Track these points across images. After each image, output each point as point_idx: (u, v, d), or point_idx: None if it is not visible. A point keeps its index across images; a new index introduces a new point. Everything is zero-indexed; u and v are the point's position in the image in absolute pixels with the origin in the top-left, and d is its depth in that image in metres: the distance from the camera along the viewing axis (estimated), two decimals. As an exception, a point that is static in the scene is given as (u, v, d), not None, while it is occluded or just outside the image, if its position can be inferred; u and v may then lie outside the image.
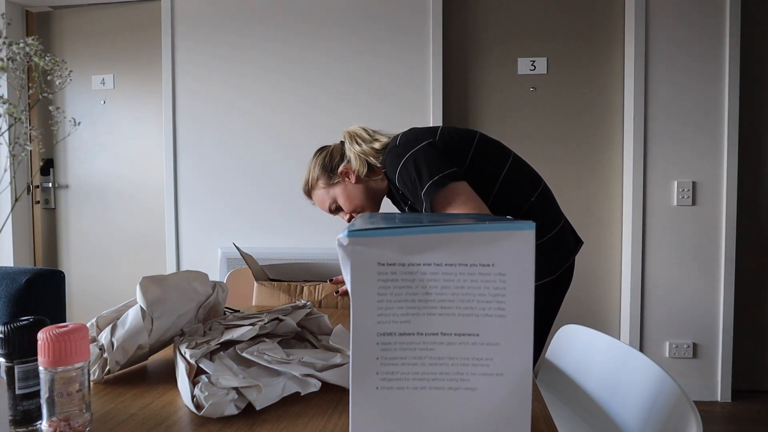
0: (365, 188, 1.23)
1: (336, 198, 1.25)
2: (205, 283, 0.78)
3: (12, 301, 1.20)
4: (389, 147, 1.15)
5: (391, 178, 1.14)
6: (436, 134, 1.14)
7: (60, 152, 2.79)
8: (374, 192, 1.25)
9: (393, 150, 1.12)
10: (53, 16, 2.78)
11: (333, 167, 1.25)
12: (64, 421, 0.48)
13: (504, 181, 1.14)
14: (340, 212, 1.28)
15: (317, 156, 1.30)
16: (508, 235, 0.40)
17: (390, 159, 1.12)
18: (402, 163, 1.08)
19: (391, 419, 0.42)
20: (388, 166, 1.12)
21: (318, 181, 1.27)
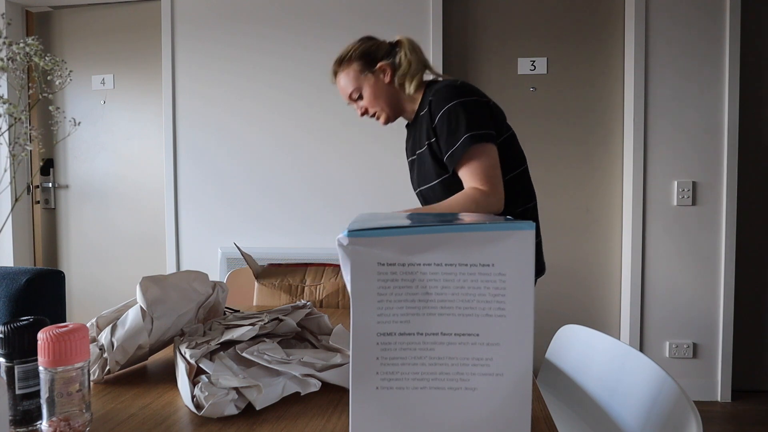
0: (393, 94, 1.23)
1: (362, 88, 1.22)
2: (205, 283, 0.78)
3: (12, 301, 1.20)
4: (447, 82, 1.15)
5: (433, 109, 1.13)
6: (490, 101, 1.19)
7: (60, 152, 2.79)
8: (398, 105, 1.24)
9: (452, 86, 1.13)
10: (53, 16, 2.78)
11: (375, 58, 1.22)
12: (64, 421, 0.48)
13: (510, 180, 1.19)
14: (359, 102, 1.25)
15: (363, 41, 1.25)
16: (508, 235, 0.40)
17: (446, 92, 1.12)
18: (456, 102, 1.10)
19: (391, 419, 0.42)
20: (439, 97, 1.13)
21: (353, 63, 1.23)
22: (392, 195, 2.45)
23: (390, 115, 1.24)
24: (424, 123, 1.18)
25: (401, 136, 2.43)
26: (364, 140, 2.46)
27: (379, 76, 1.22)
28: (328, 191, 2.50)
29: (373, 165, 2.46)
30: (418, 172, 1.25)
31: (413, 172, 1.30)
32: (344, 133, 2.47)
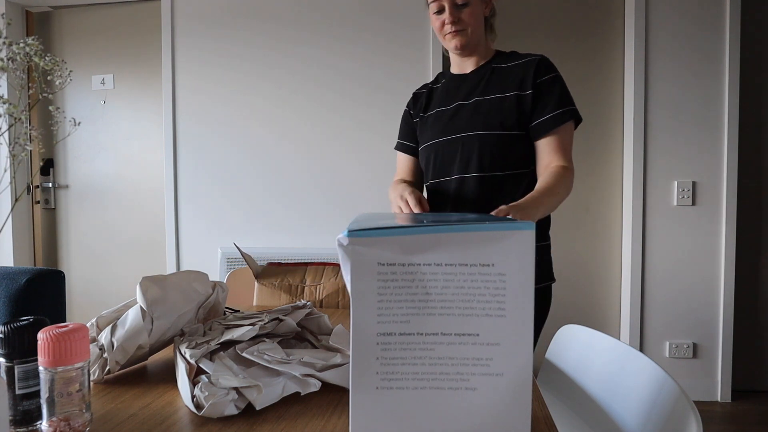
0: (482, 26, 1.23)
1: (473, 2, 1.19)
2: (205, 283, 0.79)
3: (12, 301, 1.20)
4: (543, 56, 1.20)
5: (542, 68, 1.16)
6: None
7: (60, 152, 2.79)
8: (480, 38, 1.24)
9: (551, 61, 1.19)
10: (53, 16, 2.78)
11: None
12: (64, 421, 0.48)
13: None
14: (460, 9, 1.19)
15: None
16: (508, 236, 0.40)
17: (549, 61, 1.18)
18: (559, 74, 1.16)
19: (391, 419, 0.42)
20: (548, 62, 1.17)
21: None
22: (392, 195, 2.44)
23: (473, 39, 1.21)
24: (510, 75, 1.18)
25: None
26: (366, 138, 2.46)
27: (485, 3, 1.23)
28: (328, 191, 2.50)
29: (374, 164, 2.46)
30: (473, 117, 1.18)
31: (454, 117, 1.21)
32: (345, 132, 2.47)
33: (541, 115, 1.13)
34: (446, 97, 1.26)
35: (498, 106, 1.16)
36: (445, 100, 1.26)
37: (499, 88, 1.18)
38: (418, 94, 1.35)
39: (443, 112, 1.24)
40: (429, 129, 1.26)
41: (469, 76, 1.25)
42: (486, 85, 1.20)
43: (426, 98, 1.31)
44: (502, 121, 1.14)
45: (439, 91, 1.29)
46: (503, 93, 1.17)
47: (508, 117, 1.14)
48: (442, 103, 1.26)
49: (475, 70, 1.24)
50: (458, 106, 1.22)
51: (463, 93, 1.23)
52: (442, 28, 1.21)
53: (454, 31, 1.19)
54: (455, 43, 1.20)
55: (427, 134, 1.26)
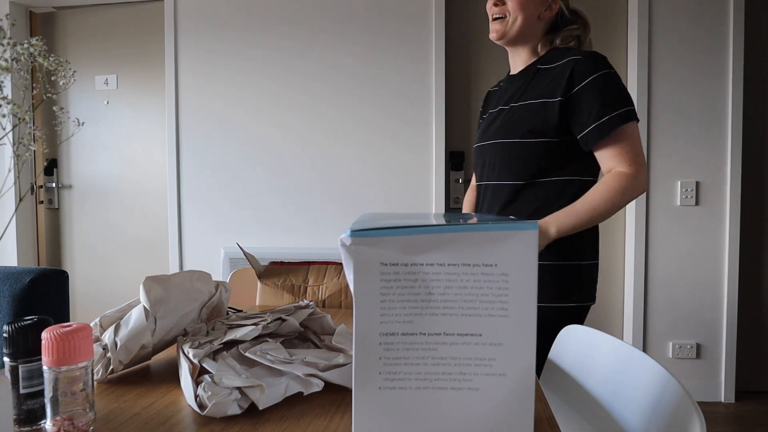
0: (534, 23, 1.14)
1: None
2: (208, 283, 0.79)
3: (16, 301, 1.21)
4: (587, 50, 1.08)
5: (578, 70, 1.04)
6: None
7: (64, 152, 2.80)
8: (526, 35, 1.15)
9: (597, 54, 1.06)
10: (56, 16, 2.79)
11: None
12: (67, 421, 0.48)
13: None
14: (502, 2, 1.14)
15: None
16: (511, 236, 0.40)
17: (595, 57, 1.05)
18: (608, 71, 1.04)
19: (393, 419, 0.42)
20: (588, 61, 1.05)
21: None
22: (395, 193, 2.45)
23: (514, 31, 1.13)
24: (547, 79, 1.09)
25: (405, 133, 2.43)
26: (369, 138, 2.46)
27: (545, 3, 1.13)
28: (331, 191, 2.50)
29: (377, 163, 2.46)
30: (504, 124, 1.13)
31: (493, 123, 1.18)
32: (348, 132, 2.47)
33: (585, 127, 1.04)
34: (497, 100, 1.23)
35: (522, 112, 1.11)
36: (495, 102, 1.23)
37: (534, 93, 1.11)
38: (488, 93, 1.33)
39: (492, 115, 1.21)
40: (479, 132, 1.25)
41: (516, 78, 1.19)
42: (525, 90, 1.13)
43: (491, 99, 1.29)
44: (524, 129, 1.09)
45: (498, 92, 1.27)
46: (533, 99, 1.10)
47: (530, 124, 1.08)
48: (491, 106, 1.24)
49: (522, 71, 1.18)
50: (499, 110, 1.18)
51: (506, 96, 1.18)
52: (489, 11, 1.16)
53: (494, 18, 1.14)
54: (493, 32, 1.15)
55: (477, 137, 1.25)
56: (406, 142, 2.43)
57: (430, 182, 2.42)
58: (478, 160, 1.22)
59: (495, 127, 1.16)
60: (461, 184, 2.44)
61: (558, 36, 1.15)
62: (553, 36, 1.16)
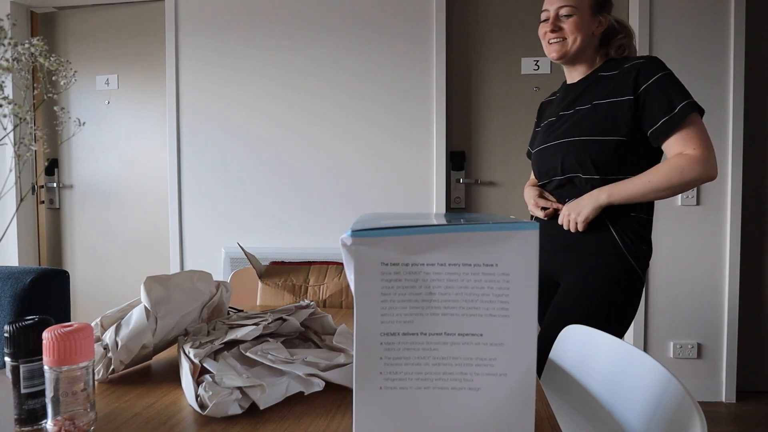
0: (589, 43, 1.24)
1: (579, 13, 1.21)
2: (209, 283, 0.79)
3: (17, 301, 1.21)
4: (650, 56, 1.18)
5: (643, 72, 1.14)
6: None
7: (64, 152, 2.80)
8: (583, 53, 1.25)
9: (656, 58, 1.17)
10: (57, 16, 2.79)
11: (604, 7, 1.25)
12: (68, 420, 0.48)
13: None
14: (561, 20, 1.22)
15: None
16: (512, 235, 0.40)
17: (657, 60, 1.15)
18: (670, 71, 1.13)
19: (394, 419, 0.42)
20: (651, 64, 1.14)
21: None
22: (396, 193, 2.45)
23: (573, 50, 1.23)
24: (612, 83, 1.18)
25: (406, 133, 2.43)
26: (369, 137, 2.46)
27: (596, 20, 1.23)
28: (331, 190, 2.50)
29: (377, 162, 2.46)
30: (573, 125, 1.21)
31: (557, 126, 1.26)
32: (348, 131, 2.47)
33: (654, 122, 1.12)
34: (556, 107, 1.32)
35: (591, 113, 1.18)
36: (554, 110, 1.32)
37: (598, 95, 1.20)
38: (544, 104, 1.44)
39: (551, 122, 1.31)
40: (538, 137, 1.35)
41: (575, 86, 1.28)
42: (588, 94, 1.22)
43: (545, 109, 1.41)
44: (594, 127, 1.16)
45: (554, 102, 1.36)
46: (600, 100, 1.18)
47: (600, 123, 1.16)
48: (551, 114, 1.33)
49: (582, 79, 1.27)
50: (560, 115, 1.27)
51: (567, 102, 1.27)
52: (545, 36, 1.26)
53: (553, 42, 1.23)
54: (551, 52, 1.25)
55: (535, 142, 1.35)
56: (407, 141, 2.43)
57: (431, 182, 2.42)
58: (542, 162, 1.29)
59: (562, 129, 1.24)
60: (461, 183, 2.44)
61: (611, 47, 1.26)
62: (606, 48, 1.26)
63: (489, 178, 2.44)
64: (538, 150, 1.31)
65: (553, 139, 1.25)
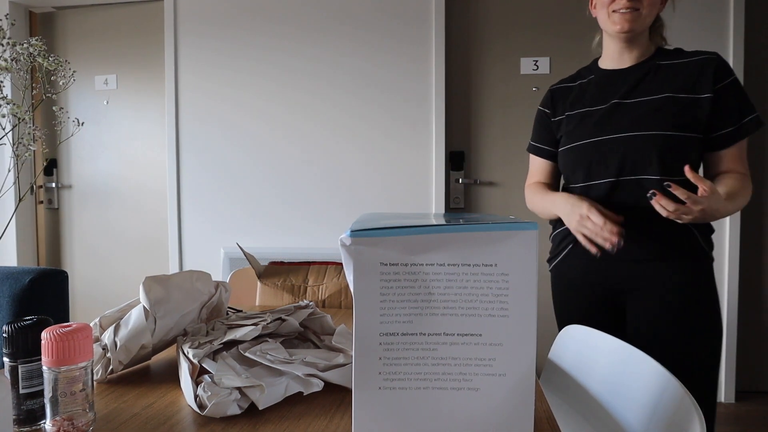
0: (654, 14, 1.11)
1: None
2: (208, 283, 0.79)
3: (15, 301, 1.21)
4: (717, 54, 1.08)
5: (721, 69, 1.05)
6: None
7: (63, 152, 2.80)
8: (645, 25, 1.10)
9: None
10: (56, 16, 2.79)
11: None
12: (67, 421, 0.48)
13: None
14: None
15: None
16: (511, 236, 0.40)
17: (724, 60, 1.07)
18: (735, 75, 1.06)
19: (393, 419, 0.42)
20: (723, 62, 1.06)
21: None
22: (395, 193, 2.45)
23: (641, 26, 1.10)
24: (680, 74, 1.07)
25: (405, 133, 2.43)
26: (369, 137, 2.46)
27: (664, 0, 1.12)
28: (331, 190, 2.50)
29: (377, 162, 2.46)
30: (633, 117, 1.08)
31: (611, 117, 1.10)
32: (348, 131, 2.47)
33: (726, 125, 1.04)
34: (600, 94, 1.14)
35: (668, 105, 1.05)
36: (599, 97, 1.14)
37: (668, 86, 1.07)
38: (560, 91, 1.23)
39: (595, 111, 1.13)
40: (578, 128, 1.14)
41: (627, 72, 1.13)
42: (651, 83, 1.09)
43: (573, 95, 1.19)
44: (675, 121, 1.04)
45: (589, 88, 1.17)
46: (675, 93, 1.06)
47: (681, 118, 1.04)
48: (595, 101, 1.14)
49: (636, 65, 1.13)
50: (615, 104, 1.10)
51: (622, 90, 1.11)
52: (611, 3, 1.09)
53: (628, 10, 1.07)
54: (623, 23, 1.08)
55: (574, 134, 1.15)
56: (406, 142, 2.43)
57: (430, 182, 2.42)
58: (586, 158, 1.12)
59: (626, 120, 1.08)
60: (461, 184, 2.44)
61: (655, 35, 1.15)
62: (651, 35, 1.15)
63: (488, 178, 2.44)
64: (583, 144, 1.12)
65: (612, 132, 1.08)
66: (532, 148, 1.28)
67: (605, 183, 1.09)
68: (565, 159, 1.17)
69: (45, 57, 0.75)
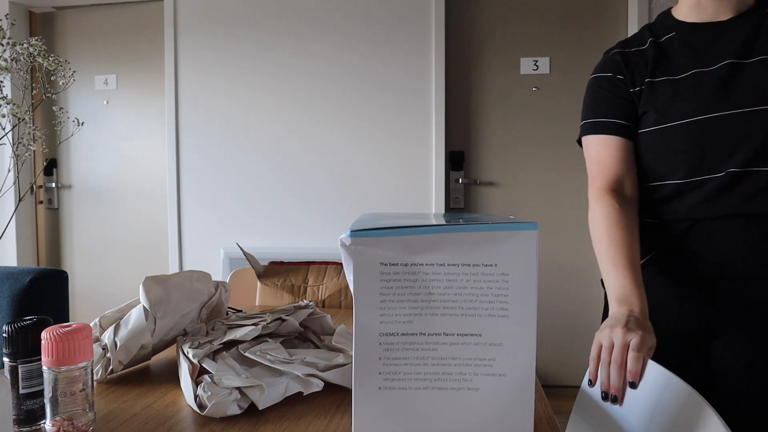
0: None
1: None
2: (208, 283, 0.79)
3: (15, 301, 1.21)
4: None
5: None
6: None
7: (63, 152, 2.80)
8: None
9: None
10: (56, 16, 2.79)
11: None
12: (67, 421, 0.48)
13: None
14: None
15: None
16: (511, 236, 0.40)
17: None
18: None
19: (393, 419, 0.42)
20: None
21: None
22: (395, 193, 2.45)
23: None
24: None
25: (405, 133, 2.43)
26: (369, 136, 2.46)
27: None
28: (331, 191, 2.50)
29: (377, 162, 2.46)
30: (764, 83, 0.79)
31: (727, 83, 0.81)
32: (348, 132, 2.47)
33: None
34: (694, 54, 0.84)
35: None
36: (695, 58, 0.84)
37: None
38: (631, 54, 0.90)
39: (701, 75, 0.83)
40: (677, 100, 0.83)
41: (730, 25, 0.84)
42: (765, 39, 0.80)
43: (651, 58, 0.88)
44: None
45: (674, 48, 0.87)
46: None
47: None
48: (693, 63, 0.84)
49: (740, 15, 0.84)
50: (730, 65, 0.81)
51: (733, 47, 0.82)
52: None
53: None
54: None
55: (673, 110, 0.83)
56: (406, 142, 2.43)
57: (430, 182, 2.42)
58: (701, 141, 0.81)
59: (754, 87, 0.79)
60: (460, 184, 2.44)
61: None
62: None
63: (488, 178, 2.44)
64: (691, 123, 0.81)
65: (734, 105, 0.79)
66: (600, 127, 0.89)
67: (709, 180, 0.80)
68: (651, 144, 0.85)
69: (45, 57, 0.75)
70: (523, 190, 2.42)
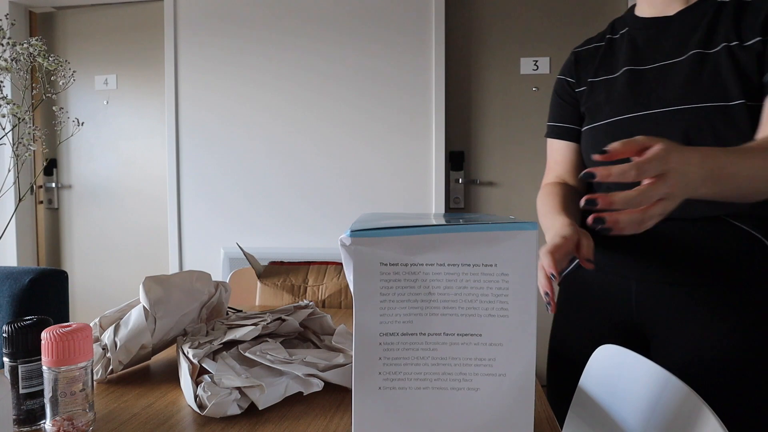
0: None
1: None
2: (208, 283, 0.79)
3: (15, 301, 1.21)
4: None
5: None
6: None
7: (63, 152, 2.80)
8: None
9: None
10: (56, 16, 2.79)
11: None
12: (67, 421, 0.48)
13: None
14: None
15: None
16: (511, 236, 0.40)
17: None
18: None
19: (393, 419, 0.42)
20: None
21: None
22: (395, 193, 2.45)
23: None
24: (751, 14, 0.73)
25: (405, 133, 2.43)
26: (368, 138, 2.46)
27: None
28: (330, 191, 2.50)
29: (375, 163, 2.46)
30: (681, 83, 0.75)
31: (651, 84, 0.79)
32: (348, 132, 2.47)
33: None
34: (635, 53, 0.83)
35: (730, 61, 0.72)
36: (634, 56, 0.83)
37: (734, 33, 0.73)
38: (583, 53, 0.92)
39: (632, 74, 0.81)
40: (606, 100, 0.83)
41: (674, 20, 0.81)
42: (708, 31, 0.76)
43: (600, 56, 0.88)
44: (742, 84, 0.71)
45: (621, 45, 0.86)
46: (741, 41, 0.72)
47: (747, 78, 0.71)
48: (630, 61, 0.83)
49: (686, 9, 0.80)
50: (659, 67, 0.79)
51: (668, 45, 0.80)
52: None
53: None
54: None
55: (602, 109, 0.83)
56: (406, 142, 2.43)
57: (430, 182, 2.42)
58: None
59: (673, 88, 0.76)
60: (460, 184, 2.44)
61: None
62: None
63: (488, 178, 2.44)
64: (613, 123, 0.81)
65: (648, 105, 0.78)
66: (551, 131, 0.95)
67: None
68: (585, 145, 0.88)
69: (45, 57, 0.75)
70: (524, 190, 2.42)
